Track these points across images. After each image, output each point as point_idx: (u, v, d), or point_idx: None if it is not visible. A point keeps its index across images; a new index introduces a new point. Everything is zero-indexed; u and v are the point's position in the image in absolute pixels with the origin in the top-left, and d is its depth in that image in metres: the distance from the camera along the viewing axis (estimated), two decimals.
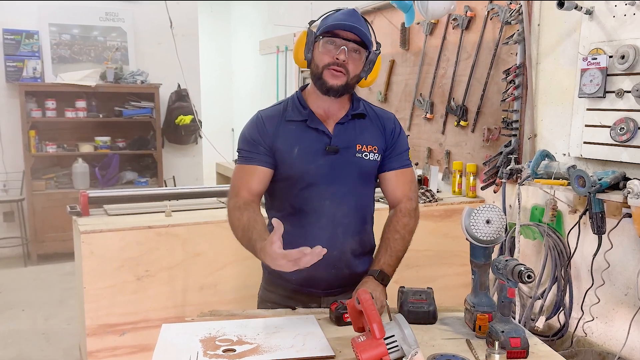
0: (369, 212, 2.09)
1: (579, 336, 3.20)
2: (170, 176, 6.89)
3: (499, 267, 1.64)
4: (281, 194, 2.03)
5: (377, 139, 2.01)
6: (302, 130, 1.96)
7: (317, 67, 1.91)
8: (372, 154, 1.99)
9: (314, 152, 1.94)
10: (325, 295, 2.04)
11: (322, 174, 1.95)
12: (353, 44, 1.88)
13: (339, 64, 1.87)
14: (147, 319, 3.02)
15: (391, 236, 1.99)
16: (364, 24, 1.94)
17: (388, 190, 2.07)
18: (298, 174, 1.95)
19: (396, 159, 2.04)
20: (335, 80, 1.88)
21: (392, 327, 1.52)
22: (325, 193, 1.96)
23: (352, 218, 1.98)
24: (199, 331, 1.72)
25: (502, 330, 1.59)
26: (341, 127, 1.98)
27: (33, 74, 6.02)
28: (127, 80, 6.41)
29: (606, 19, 2.92)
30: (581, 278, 3.20)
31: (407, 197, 2.05)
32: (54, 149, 6.17)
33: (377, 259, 1.95)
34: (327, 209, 1.96)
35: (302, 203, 1.97)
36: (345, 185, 1.97)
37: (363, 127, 2.01)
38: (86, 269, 2.89)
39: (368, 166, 2.00)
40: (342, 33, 1.87)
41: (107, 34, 6.50)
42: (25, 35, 6.02)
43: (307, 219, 1.97)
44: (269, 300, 2.11)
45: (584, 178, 2.74)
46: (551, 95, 3.33)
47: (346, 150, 1.96)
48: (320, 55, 1.90)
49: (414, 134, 4.47)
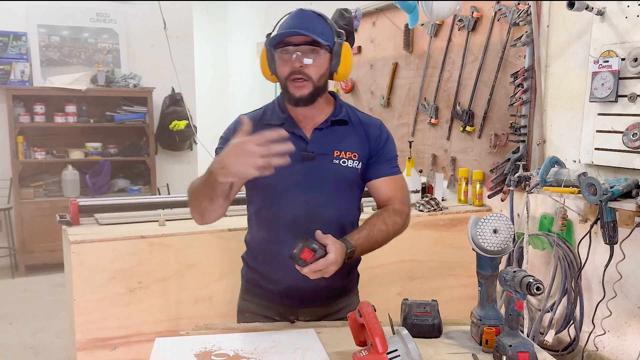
0: (349, 222, 2.07)
1: (590, 351, 3.20)
2: (164, 184, 6.90)
3: (507, 279, 1.64)
4: (256, 198, 2.06)
5: (358, 146, 2.01)
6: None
7: (281, 81, 1.94)
8: (352, 161, 1.99)
9: (290, 157, 1.95)
10: (302, 307, 2.04)
11: (297, 181, 1.96)
12: (305, 47, 1.87)
13: (298, 72, 1.87)
14: (140, 332, 3.02)
15: (378, 226, 1.96)
16: (313, 21, 1.93)
17: (379, 197, 2.08)
18: (272, 179, 1.94)
19: (384, 165, 2.05)
20: (301, 90, 1.90)
21: (395, 341, 1.53)
22: (300, 200, 1.97)
23: (329, 228, 1.92)
24: (194, 345, 1.72)
25: (510, 344, 1.59)
26: (319, 133, 1.99)
27: (21, 77, 6.04)
28: (119, 83, 6.43)
29: (618, 20, 2.94)
30: (592, 290, 3.20)
31: (400, 200, 2.06)
32: (43, 155, 6.18)
33: (354, 236, 1.89)
34: (301, 217, 1.96)
35: (276, 209, 1.99)
36: (322, 193, 1.98)
37: (344, 134, 2.02)
38: (76, 280, 2.89)
39: (346, 173, 2.00)
40: (292, 39, 1.87)
41: (98, 36, 6.53)
42: (12, 37, 6.04)
43: (281, 226, 1.98)
44: (247, 310, 2.12)
45: (595, 186, 2.74)
46: (561, 100, 3.34)
47: (323, 157, 1.97)
48: (280, 68, 1.92)
49: (418, 140, 4.48)
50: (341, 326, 1.92)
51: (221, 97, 8.72)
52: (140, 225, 3.22)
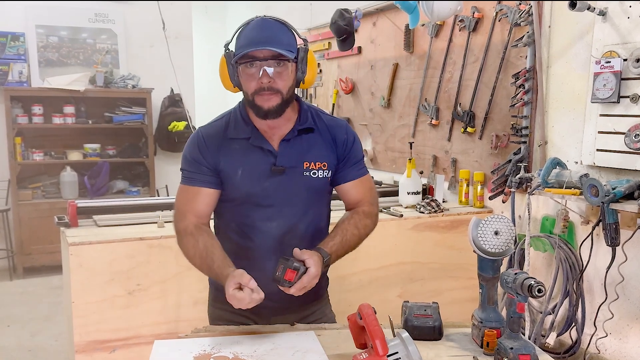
0: (321, 230, 2.08)
1: (592, 353, 3.20)
2: (163, 185, 6.90)
3: (508, 281, 1.64)
4: (227, 214, 2.04)
5: (326, 154, 2.00)
6: (246, 149, 1.95)
7: (247, 94, 1.89)
8: (322, 171, 1.99)
9: (259, 173, 1.94)
10: (274, 314, 2.04)
11: (268, 196, 1.95)
12: (272, 61, 1.83)
13: (268, 87, 1.84)
14: (139, 335, 3.02)
15: (350, 230, 1.98)
16: (278, 32, 1.89)
17: (348, 199, 2.09)
18: (243, 196, 1.96)
19: (352, 169, 2.05)
20: (269, 102, 1.86)
21: (395, 343, 1.53)
22: (273, 215, 1.97)
23: (302, 240, 1.95)
24: (193, 348, 1.72)
25: (511, 347, 1.59)
26: (287, 144, 1.97)
27: (19, 78, 6.04)
28: (118, 84, 6.43)
29: (620, 20, 2.94)
30: (594, 292, 3.20)
31: (369, 202, 2.08)
32: (41, 156, 6.18)
33: (327, 243, 1.91)
34: (274, 231, 1.97)
35: (249, 225, 1.98)
36: (294, 207, 1.98)
37: (311, 142, 2.00)
38: (75, 282, 2.89)
39: (317, 184, 1.99)
40: (257, 53, 1.83)
41: (96, 36, 6.53)
42: (10, 37, 6.05)
43: (254, 241, 1.99)
44: (220, 318, 2.11)
45: (597, 187, 2.75)
46: (562, 101, 3.35)
47: (293, 170, 1.96)
48: (246, 82, 1.87)
49: (418, 141, 4.48)
50: (341, 328, 1.92)
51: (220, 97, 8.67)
52: (139, 227, 3.23)
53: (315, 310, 2.14)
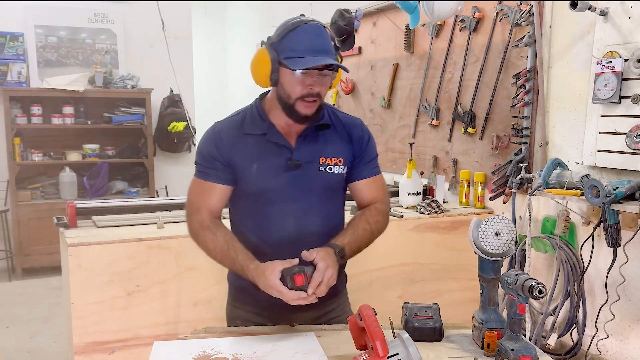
0: (336, 227, 2.08)
1: (593, 354, 3.20)
2: (163, 186, 6.90)
3: (509, 282, 1.64)
4: (242, 209, 2.05)
5: (342, 150, 2.02)
6: (262, 144, 1.96)
7: (289, 97, 1.88)
8: (337, 167, 2.00)
9: (275, 168, 1.95)
10: (294, 312, 2.01)
11: (284, 191, 1.96)
12: (327, 71, 1.86)
13: (316, 94, 1.86)
14: (138, 336, 3.02)
15: (362, 225, 1.99)
16: (328, 41, 1.89)
17: (361, 198, 2.10)
18: (258, 191, 1.96)
19: (366, 167, 2.06)
20: (310, 109, 1.88)
21: (396, 345, 1.53)
22: (288, 211, 1.97)
23: (319, 236, 1.96)
24: (193, 349, 1.73)
25: (512, 348, 1.59)
26: (303, 140, 1.98)
27: (18, 78, 6.04)
28: (117, 85, 6.44)
29: (622, 20, 2.94)
30: (595, 293, 3.20)
31: (381, 200, 2.09)
32: (40, 157, 6.19)
33: (340, 239, 1.93)
34: (290, 226, 1.97)
35: (264, 221, 1.99)
36: (310, 202, 1.99)
37: (327, 138, 2.01)
38: (74, 283, 2.89)
39: (333, 180, 2.01)
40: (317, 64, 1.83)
41: (95, 36, 6.53)
42: (9, 37, 6.05)
43: (269, 237, 1.99)
44: (238, 317, 2.12)
45: (598, 188, 2.75)
46: (563, 101, 3.35)
47: (309, 165, 1.97)
48: (292, 85, 1.86)
49: (419, 142, 4.48)
50: (341, 330, 1.92)
51: (220, 98, 8.71)
52: (138, 228, 3.23)
53: (335, 307, 2.14)
